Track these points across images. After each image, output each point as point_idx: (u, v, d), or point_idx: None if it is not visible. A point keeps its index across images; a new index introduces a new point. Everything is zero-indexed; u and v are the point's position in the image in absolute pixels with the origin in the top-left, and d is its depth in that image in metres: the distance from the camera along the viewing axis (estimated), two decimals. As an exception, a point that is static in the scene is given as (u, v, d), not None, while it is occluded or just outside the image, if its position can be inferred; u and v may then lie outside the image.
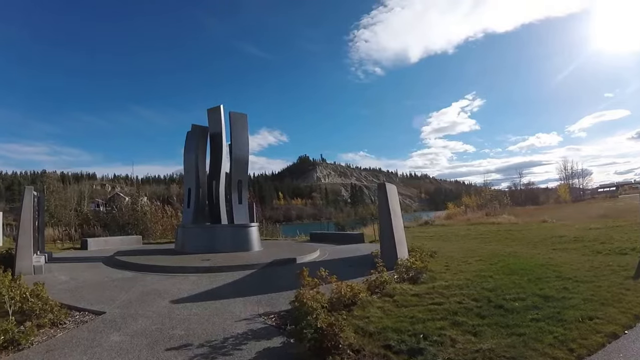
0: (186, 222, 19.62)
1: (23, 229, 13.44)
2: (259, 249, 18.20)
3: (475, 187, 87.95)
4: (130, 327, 7.39)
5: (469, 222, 35.60)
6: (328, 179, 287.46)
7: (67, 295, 9.97)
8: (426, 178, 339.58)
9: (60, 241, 27.17)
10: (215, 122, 20.72)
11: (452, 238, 22.38)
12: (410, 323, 6.97)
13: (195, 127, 20.81)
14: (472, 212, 43.48)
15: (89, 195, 75.07)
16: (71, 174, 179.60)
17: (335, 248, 19.19)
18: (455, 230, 28.08)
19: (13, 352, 6.44)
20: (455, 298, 8.42)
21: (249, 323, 7.47)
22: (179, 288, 10.67)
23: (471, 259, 13.73)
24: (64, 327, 7.59)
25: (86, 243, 22.37)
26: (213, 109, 20.86)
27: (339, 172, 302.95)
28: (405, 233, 14.79)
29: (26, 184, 17.44)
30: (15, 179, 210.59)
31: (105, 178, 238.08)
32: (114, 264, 15.13)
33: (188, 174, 20.19)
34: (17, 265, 12.71)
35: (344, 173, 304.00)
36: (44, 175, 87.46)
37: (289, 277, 10.37)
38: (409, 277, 10.49)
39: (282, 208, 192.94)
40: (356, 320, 7.13)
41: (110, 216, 35.02)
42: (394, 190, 14.66)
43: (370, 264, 11.59)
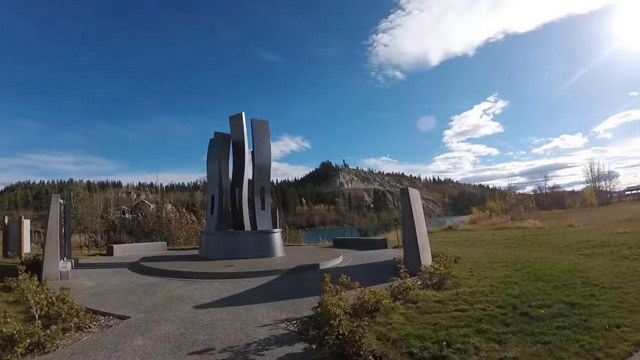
0: (210, 229, 19.70)
1: (50, 235, 13.67)
2: (282, 254, 18.21)
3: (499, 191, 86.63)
4: (154, 331, 7.46)
5: (493, 226, 35.18)
6: (351, 185, 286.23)
7: (93, 300, 10.10)
8: (449, 182, 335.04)
9: (86, 247, 27.53)
10: (237, 129, 20.82)
11: (476, 243, 22.16)
12: (433, 330, 6.90)
13: (218, 134, 20.93)
14: (496, 216, 42.94)
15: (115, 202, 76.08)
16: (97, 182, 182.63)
17: (358, 254, 19.10)
18: (479, 235, 27.80)
19: (39, 355, 6.56)
20: (479, 305, 8.29)
21: (271, 329, 7.48)
22: (203, 293, 10.74)
23: (496, 265, 13.57)
24: (89, 331, 7.70)
25: (112, 249, 22.60)
26: (235, 117, 20.97)
27: (362, 178, 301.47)
28: (428, 238, 14.72)
29: (53, 193, 17.67)
30: (42, 188, 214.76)
31: (131, 186, 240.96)
32: (139, 270, 15.25)
33: (211, 181, 20.32)
34: (44, 271, 12.93)
35: (367, 178, 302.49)
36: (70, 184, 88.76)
37: (312, 283, 10.35)
38: (432, 283, 10.37)
39: (305, 214, 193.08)
40: (379, 327, 7.09)
41: (136, 223, 35.35)
42: (417, 195, 14.60)
43: (393, 270, 11.54)
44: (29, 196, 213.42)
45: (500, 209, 46.57)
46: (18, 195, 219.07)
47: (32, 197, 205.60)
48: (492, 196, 58.65)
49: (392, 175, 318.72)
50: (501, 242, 21.61)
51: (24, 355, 6.48)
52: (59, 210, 14.46)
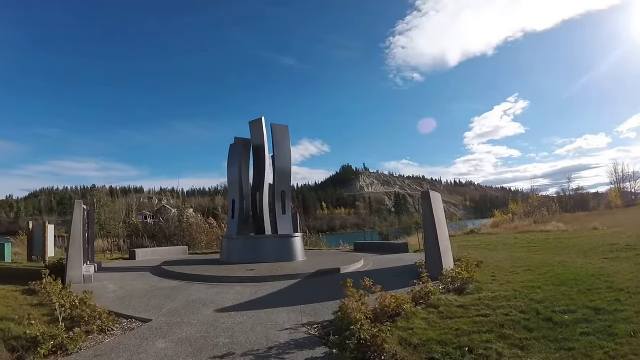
0: (231, 233, 19.76)
1: (73, 240, 13.84)
2: (303, 259, 18.24)
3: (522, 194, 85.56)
4: (176, 334, 7.51)
5: (516, 230, 34.76)
6: (371, 188, 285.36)
7: (115, 303, 10.22)
8: (471, 185, 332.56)
9: (109, 252, 27.80)
10: (258, 134, 20.94)
11: (499, 247, 21.89)
12: (455, 335, 6.81)
13: (238, 140, 21.07)
14: (519, 219, 42.38)
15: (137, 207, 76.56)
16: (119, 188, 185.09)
17: (379, 258, 19.02)
18: (502, 239, 27.45)
19: (62, 356, 6.65)
20: (502, 310, 8.14)
21: (292, 333, 7.47)
22: (224, 297, 10.79)
23: (519, 269, 13.34)
24: (112, 334, 7.78)
25: (134, 253, 22.84)
26: (255, 122, 21.08)
27: (382, 181, 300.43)
28: (450, 242, 14.62)
29: (77, 199, 17.89)
30: (66, 194, 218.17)
31: (152, 191, 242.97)
32: (161, 274, 15.40)
33: (232, 186, 20.38)
34: (68, 275, 13.08)
35: (387, 182, 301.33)
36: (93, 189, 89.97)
37: (332, 287, 10.34)
38: (454, 287, 10.29)
39: (326, 218, 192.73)
40: (400, 332, 7.03)
41: (158, 228, 35.58)
42: (439, 198, 14.50)
43: (414, 275, 11.46)
44: (52, 202, 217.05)
45: (522, 212, 45.95)
46: (42, 201, 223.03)
47: (56, 203, 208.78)
48: (514, 199, 57.73)
49: (413, 179, 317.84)
50: (524, 246, 21.33)
51: (47, 357, 6.57)
52: (82, 216, 14.63)
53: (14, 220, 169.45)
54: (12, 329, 7.65)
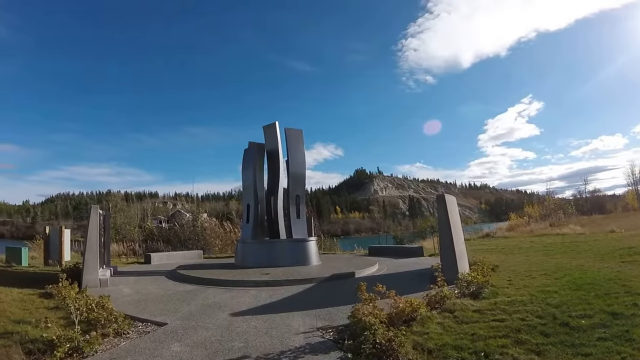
0: (245, 237, 19.79)
1: (90, 244, 13.94)
2: (317, 263, 18.21)
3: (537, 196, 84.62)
4: (191, 338, 7.52)
5: (532, 233, 34.43)
6: (385, 192, 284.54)
7: (131, 307, 10.26)
8: (486, 188, 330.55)
9: (125, 256, 27.96)
10: (272, 138, 20.97)
11: (514, 251, 21.74)
12: (471, 340, 6.76)
13: (252, 144, 21.10)
14: (535, 222, 41.95)
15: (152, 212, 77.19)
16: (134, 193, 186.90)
17: (394, 262, 18.95)
18: (517, 242, 27.26)
19: (78, 359, 6.68)
20: (518, 315, 8.07)
21: (307, 337, 7.45)
22: (239, 301, 10.80)
23: (535, 273, 13.23)
24: (128, 337, 7.82)
25: (149, 258, 22.93)
26: (269, 126, 21.12)
27: (396, 185, 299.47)
28: (465, 246, 14.54)
29: (92, 204, 18.05)
30: (82, 199, 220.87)
31: (167, 196, 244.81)
32: (176, 278, 15.44)
33: (247, 190, 20.42)
34: (84, 279, 13.19)
35: (402, 185, 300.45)
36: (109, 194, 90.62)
37: (347, 291, 10.32)
38: (470, 292, 10.21)
39: (340, 222, 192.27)
40: (415, 336, 6.98)
41: (172, 232, 35.80)
42: (454, 201, 14.42)
43: (430, 279, 11.44)
44: (68, 207, 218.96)
45: (538, 215, 45.51)
46: (58, 206, 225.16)
47: (72, 208, 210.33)
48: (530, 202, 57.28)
49: (427, 182, 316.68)
50: (540, 250, 21.16)
51: (64, 359, 6.60)
52: (98, 220, 14.74)
53: (30, 225, 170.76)
54: (28, 332, 7.73)
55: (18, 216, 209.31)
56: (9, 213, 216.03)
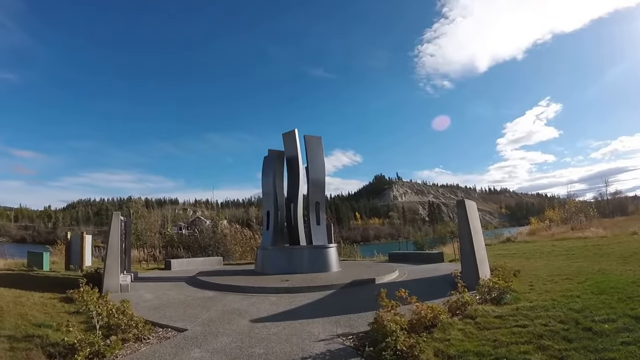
0: (265, 244, 19.77)
1: (111, 250, 14.03)
2: (337, 269, 18.13)
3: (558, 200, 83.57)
4: (211, 344, 7.51)
5: (553, 237, 33.92)
6: (405, 198, 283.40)
7: (151, 312, 10.31)
8: (506, 192, 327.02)
9: (145, 262, 28.18)
10: (291, 145, 21.03)
11: (536, 255, 21.44)
12: (492, 347, 6.66)
13: (272, 151, 21.15)
14: (556, 226, 41.36)
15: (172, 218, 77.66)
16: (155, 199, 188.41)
17: (414, 268, 18.79)
18: (539, 246, 26.87)
19: (98, 363, 6.71)
20: (540, 320, 7.94)
21: (327, 344, 7.40)
22: (259, 308, 10.78)
23: (557, 278, 13.04)
24: (148, 342, 7.86)
25: (170, 264, 23.04)
26: (288, 133, 21.18)
27: (416, 190, 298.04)
28: (486, 251, 14.42)
29: (113, 210, 18.19)
30: (103, 205, 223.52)
31: (187, 203, 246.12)
32: (196, 284, 15.48)
33: (266, 197, 20.44)
34: (105, 284, 13.28)
35: (421, 191, 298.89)
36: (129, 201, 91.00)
37: (367, 298, 10.26)
38: (491, 297, 10.09)
39: (360, 228, 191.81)
40: (436, 343, 6.91)
41: (192, 238, 35.90)
42: (474, 206, 14.30)
43: (450, 285, 11.33)
44: (89, 213, 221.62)
45: (559, 219, 44.93)
46: (79, 212, 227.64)
47: (93, 214, 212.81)
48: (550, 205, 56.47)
49: (447, 187, 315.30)
50: (562, 254, 20.85)
51: (84, 364, 6.64)
52: (119, 226, 14.87)
53: (51, 230, 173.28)
54: (49, 336, 7.79)
55: (40, 221, 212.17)
56: (30, 218, 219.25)
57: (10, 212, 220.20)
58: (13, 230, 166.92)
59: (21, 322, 9.21)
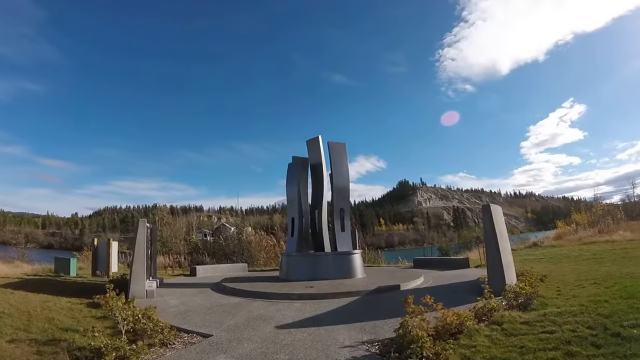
0: (290, 251, 19.80)
1: (137, 256, 14.18)
2: (362, 275, 18.06)
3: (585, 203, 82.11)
4: (236, 350, 7.51)
5: (580, 241, 33.30)
6: (429, 203, 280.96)
7: (177, 318, 10.38)
8: (531, 196, 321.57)
9: (171, 268, 28.42)
10: (315, 152, 21.06)
11: (563, 260, 21.14)
12: (519, 353, 6.55)
13: (296, 158, 21.24)
14: (583, 230, 40.79)
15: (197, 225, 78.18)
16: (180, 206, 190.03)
17: (439, 274, 18.67)
18: (566, 251, 26.50)
19: (123, 368, 6.77)
20: (568, 326, 7.78)
21: (352, 350, 7.34)
22: (284, 314, 10.77)
23: (585, 283, 12.80)
24: (173, 347, 7.91)
25: (195, 270, 23.22)
26: (312, 140, 21.24)
27: (440, 195, 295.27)
28: (512, 256, 14.26)
29: (139, 217, 18.37)
30: (128, 212, 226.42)
31: (212, 210, 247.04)
32: (221, 290, 15.57)
33: (291, 204, 20.51)
34: (131, 290, 13.42)
35: (445, 196, 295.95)
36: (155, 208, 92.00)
37: (392, 304, 10.23)
38: (518, 303, 9.96)
39: (384, 234, 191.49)
40: (463, 350, 6.84)
41: (217, 245, 36.06)
42: (500, 211, 14.13)
43: (476, 290, 11.24)
44: (115, 220, 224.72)
45: (586, 222, 44.19)
46: (105, 219, 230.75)
47: (119, 221, 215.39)
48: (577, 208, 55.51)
49: (471, 192, 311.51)
50: (589, 258, 20.50)
51: (109, 368, 6.70)
52: (145, 233, 14.99)
53: (78, 237, 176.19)
54: (76, 340, 7.89)
55: (67, 228, 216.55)
56: (58, 225, 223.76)
57: (37, 219, 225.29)
58: (40, 236, 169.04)
59: (48, 326, 9.36)
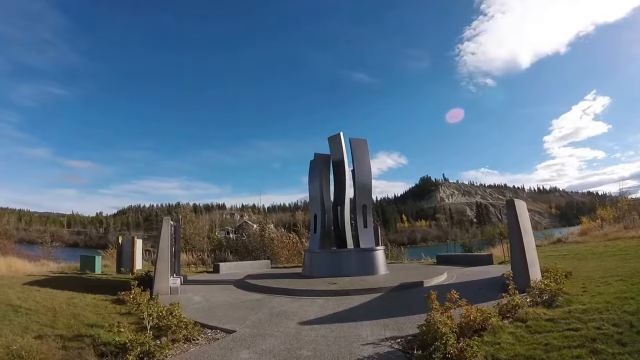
0: (313, 247, 19.83)
1: (161, 254, 14.31)
2: (385, 272, 17.97)
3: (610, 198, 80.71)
4: (259, 345, 7.55)
5: (605, 237, 32.70)
6: (452, 199, 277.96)
7: (200, 314, 10.44)
8: (555, 191, 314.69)
9: (194, 265, 28.65)
10: (337, 149, 21.01)
11: (588, 256, 20.83)
12: (544, 351, 6.48)
13: (318, 155, 21.21)
14: (608, 225, 40.13)
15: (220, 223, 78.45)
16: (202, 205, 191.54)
17: (462, 270, 18.55)
18: (590, 247, 26.06)
19: (147, 363, 6.85)
20: (593, 323, 7.66)
21: (375, 346, 7.33)
22: (306, 310, 10.79)
23: (610, 279, 12.53)
24: (197, 343, 7.98)
25: (218, 267, 23.38)
26: (333, 137, 21.18)
27: (463, 191, 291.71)
28: (536, 252, 14.12)
29: (162, 215, 18.53)
30: (152, 211, 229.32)
31: (234, 208, 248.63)
32: (244, 287, 15.62)
33: (313, 201, 20.53)
34: (155, 287, 13.57)
35: (468, 192, 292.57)
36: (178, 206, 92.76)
37: (416, 300, 10.19)
38: (542, 300, 9.83)
39: (406, 231, 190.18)
40: (486, 347, 6.78)
41: (240, 242, 36.23)
42: (524, 206, 13.94)
43: (500, 287, 11.14)
44: (139, 218, 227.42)
45: (611, 218, 43.45)
46: (130, 217, 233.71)
47: (143, 219, 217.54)
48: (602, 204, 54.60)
49: (494, 187, 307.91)
50: (615, 254, 20.16)
51: (134, 363, 6.79)
52: (169, 231, 15.15)
53: (103, 235, 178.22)
54: (101, 336, 8.02)
55: (91, 227, 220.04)
56: (83, 224, 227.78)
57: (63, 218, 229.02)
58: (66, 235, 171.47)
59: (74, 322, 9.51)
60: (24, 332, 8.68)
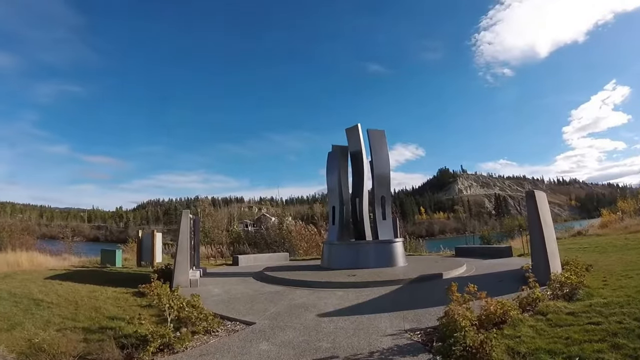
0: (332, 239, 19.83)
1: (181, 247, 14.44)
2: (404, 264, 17.93)
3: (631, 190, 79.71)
4: (278, 337, 7.60)
5: (626, 230, 32.30)
6: (470, 191, 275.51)
7: (220, 306, 10.53)
8: (575, 183, 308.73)
9: (213, 258, 28.86)
10: (354, 140, 20.95)
11: (608, 249, 20.57)
12: (564, 344, 6.41)
13: (336, 147, 21.15)
14: (629, 218, 39.66)
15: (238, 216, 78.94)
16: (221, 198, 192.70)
17: (481, 263, 18.44)
18: (611, 240, 25.75)
19: (168, 354, 6.97)
20: (614, 317, 7.54)
21: (394, 338, 7.32)
22: (325, 302, 10.80)
23: (632, 273, 12.30)
24: (217, 335, 8.06)
25: (237, 259, 23.50)
26: (351, 128, 21.11)
27: (481, 183, 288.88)
28: (557, 245, 14.01)
29: (182, 209, 18.64)
30: (171, 205, 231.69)
31: (252, 201, 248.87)
32: (263, 279, 15.70)
33: (331, 193, 20.51)
34: (175, 279, 13.72)
35: (487, 183, 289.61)
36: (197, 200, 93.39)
37: (435, 292, 10.18)
38: (563, 293, 9.72)
39: (424, 223, 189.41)
40: (506, 340, 6.73)
41: (258, 235, 36.43)
42: (544, 198, 13.79)
43: (519, 280, 11.07)
44: (159, 212, 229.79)
45: (632, 210, 42.89)
46: (149, 211, 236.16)
47: (162, 214, 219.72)
48: (622, 195, 53.87)
49: (513, 179, 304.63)
50: (636, 247, 19.82)
51: (155, 354, 6.91)
52: (189, 224, 15.23)
53: (123, 229, 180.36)
54: (122, 328, 8.14)
55: (112, 221, 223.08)
56: (103, 218, 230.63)
57: (83, 213, 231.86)
58: (86, 230, 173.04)
59: (95, 315, 9.65)
60: (46, 325, 8.82)
